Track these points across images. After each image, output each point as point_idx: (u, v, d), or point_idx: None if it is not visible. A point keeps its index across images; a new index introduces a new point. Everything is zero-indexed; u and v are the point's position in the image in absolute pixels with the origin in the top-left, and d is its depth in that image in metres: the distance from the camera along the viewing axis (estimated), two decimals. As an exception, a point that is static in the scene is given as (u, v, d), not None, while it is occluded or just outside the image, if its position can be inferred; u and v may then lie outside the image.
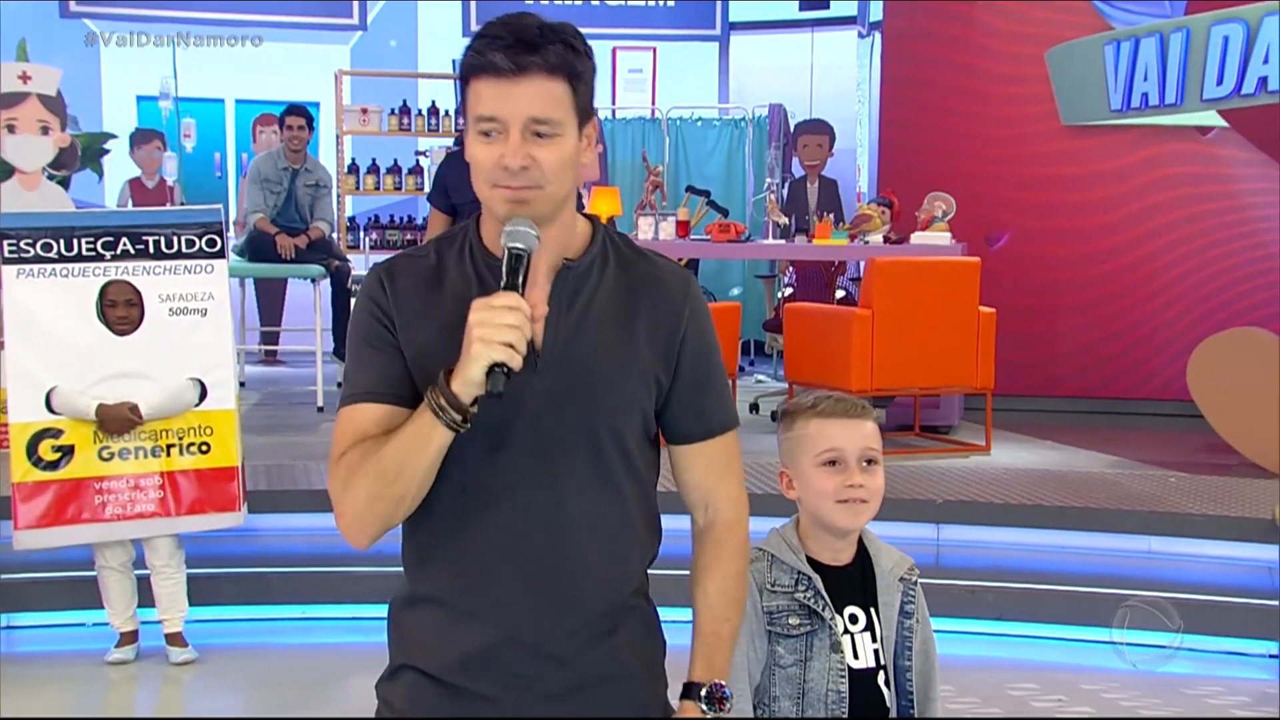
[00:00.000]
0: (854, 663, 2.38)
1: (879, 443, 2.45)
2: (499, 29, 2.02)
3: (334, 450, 2.11)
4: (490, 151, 2.03)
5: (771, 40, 12.97)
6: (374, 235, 10.34)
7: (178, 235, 5.48)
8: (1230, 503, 6.37)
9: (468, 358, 1.94)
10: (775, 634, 2.39)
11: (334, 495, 2.10)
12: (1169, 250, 9.12)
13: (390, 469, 2.02)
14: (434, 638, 2.16)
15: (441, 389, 1.98)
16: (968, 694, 4.97)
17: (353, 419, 2.10)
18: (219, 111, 12.47)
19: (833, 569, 2.44)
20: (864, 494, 2.39)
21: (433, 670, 2.16)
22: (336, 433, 2.12)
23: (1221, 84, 8.67)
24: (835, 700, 2.35)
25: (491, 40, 2.02)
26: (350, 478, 2.06)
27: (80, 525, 5.27)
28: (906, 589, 2.45)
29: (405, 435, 2.01)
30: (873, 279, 7.43)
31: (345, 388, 2.17)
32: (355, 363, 2.15)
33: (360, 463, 2.05)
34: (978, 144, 9.32)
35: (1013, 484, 6.74)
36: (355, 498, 2.06)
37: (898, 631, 2.42)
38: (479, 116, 2.03)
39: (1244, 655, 5.53)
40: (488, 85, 2.02)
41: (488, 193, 2.07)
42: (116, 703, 5.29)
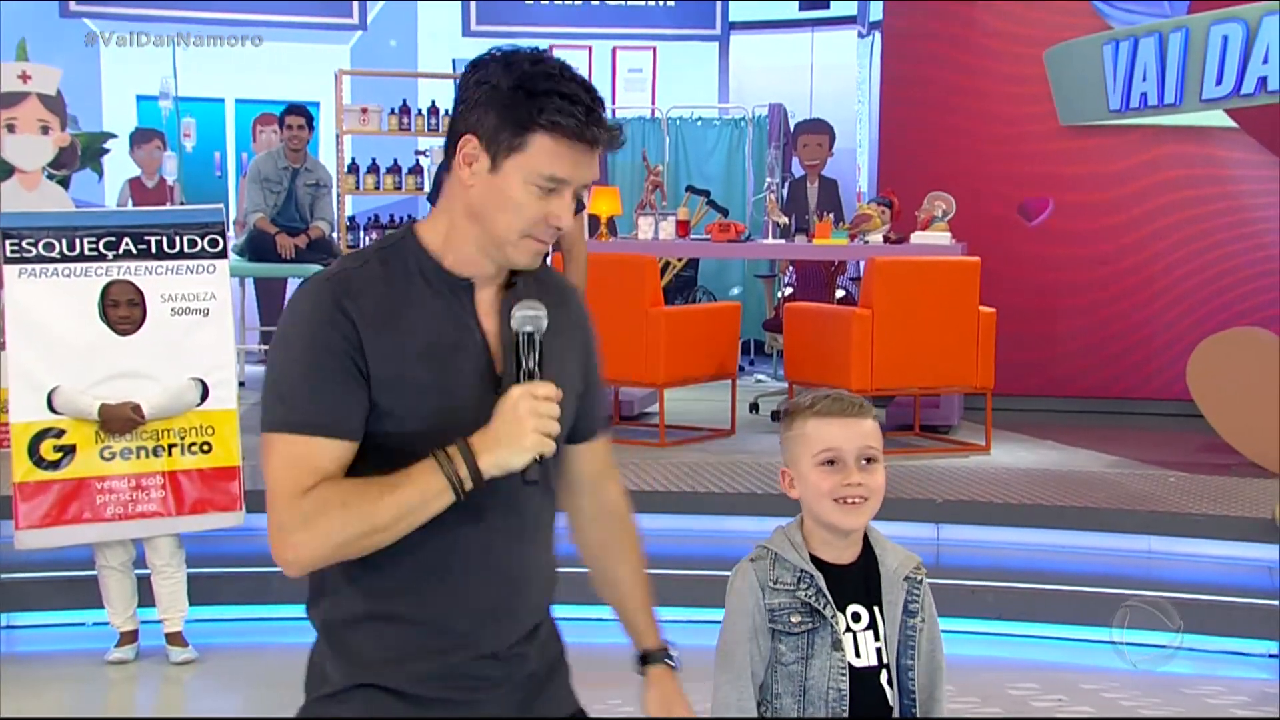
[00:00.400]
0: (856, 661, 2.38)
1: (879, 441, 2.44)
2: (578, 90, 2.04)
3: (285, 482, 2.03)
4: (543, 206, 2.06)
5: (771, 40, 12.96)
6: (374, 235, 10.34)
7: (179, 235, 5.49)
8: (1230, 502, 6.37)
9: (517, 448, 2.00)
10: (777, 631, 2.39)
11: (284, 526, 2.03)
12: (1170, 251, 9.13)
13: (381, 523, 2.01)
14: (395, 653, 2.13)
15: (468, 465, 2.00)
16: (968, 694, 4.97)
17: (310, 454, 2.03)
18: (219, 111, 12.47)
19: (836, 567, 2.44)
20: (863, 492, 2.39)
21: (394, 685, 2.14)
22: (281, 459, 2.04)
23: (1221, 84, 8.67)
24: (836, 698, 2.35)
25: (574, 104, 2.03)
26: (318, 518, 2.01)
27: (81, 525, 5.28)
28: (911, 588, 2.44)
29: (406, 497, 2.01)
30: (873, 278, 7.43)
31: (290, 410, 2.05)
32: (309, 386, 2.04)
33: (339, 508, 2.01)
34: (978, 144, 9.33)
35: (1013, 484, 6.75)
36: (320, 537, 2.02)
37: (901, 630, 2.41)
38: (548, 175, 2.04)
39: (1244, 655, 5.55)
40: (566, 148, 2.04)
41: (516, 240, 2.08)
42: (116, 702, 5.30)
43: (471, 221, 2.09)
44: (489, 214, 2.07)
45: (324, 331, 2.04)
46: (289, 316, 2.10)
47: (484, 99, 2.04)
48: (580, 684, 2.40)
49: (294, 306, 2.10)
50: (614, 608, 2.45)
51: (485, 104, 2.04)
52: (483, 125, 2.04)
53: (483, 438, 2.02)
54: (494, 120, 2.03)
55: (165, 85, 10.85)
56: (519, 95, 2.02)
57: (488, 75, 2.05)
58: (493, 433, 2.01)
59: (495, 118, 2.03)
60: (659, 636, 2.42)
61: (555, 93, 2.02)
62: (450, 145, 2.11)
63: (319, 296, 2.07)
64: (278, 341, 2.12)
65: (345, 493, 2.02)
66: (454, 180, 2.11)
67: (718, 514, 6.29)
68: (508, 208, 2.06)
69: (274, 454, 2.05)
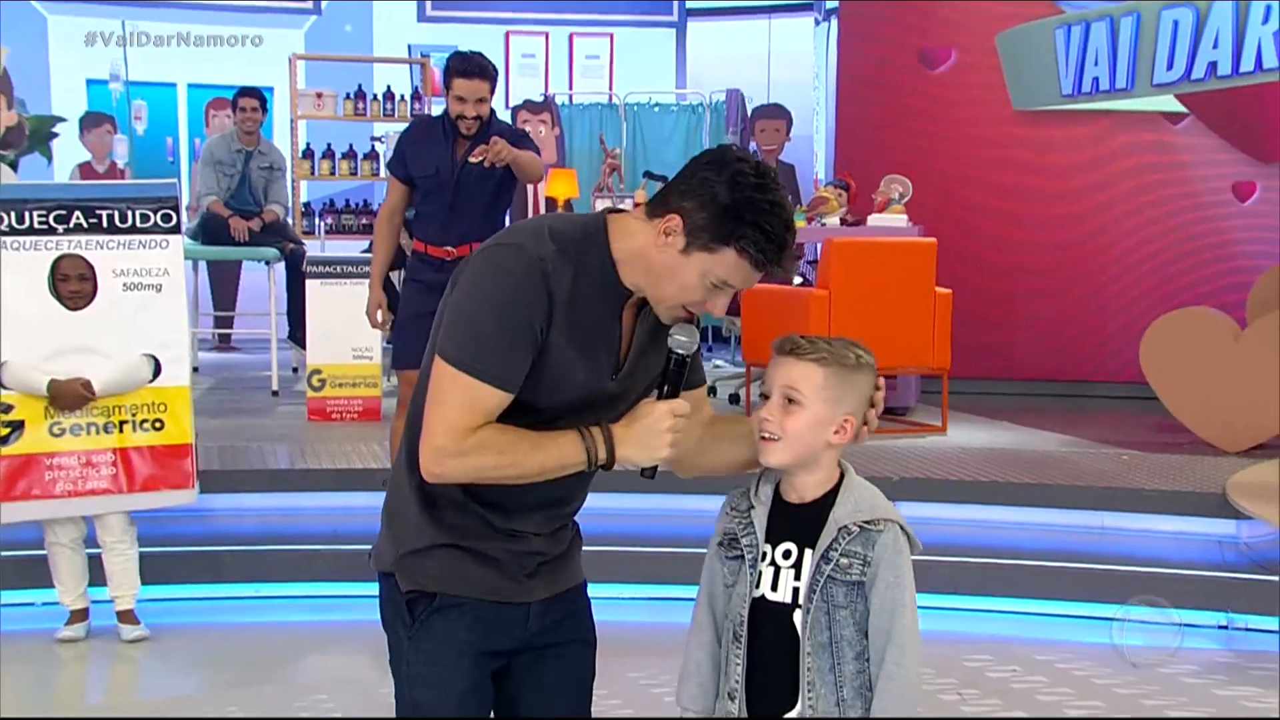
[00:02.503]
0: (772, 595, 2.44)
1: (809, 385, 2.43)
2: (779, 228, 2.34)
3: (459, 417, 2.34)
4: (706, 295, 2.38)
5: (728, 27, 12.97)
6: (329, 220, 10.27)
7: (132, 209, 5.44)
8: (1182, 479, 6.44)
9: (650, 453, 2.39)
10: (724, 555, 2.52)
11: (443, 450, 2.36)
12: (1124, 236, 9.20)
13: (522, 474, 2.38)
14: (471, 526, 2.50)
15: (607, 447, 2.39)
16: (923, 665, 4.97)
17: (486, 401, 2.35)
18: (171, 96, 12.36)
19: (791, 505, 2.47)
20: (772, 429, 2.42)
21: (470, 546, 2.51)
22: (461, 397, 2.35)
23: (1172, 69, 8.74)
24: (739, 623, 2.45)
25: (770, 241, 2.33)
26: (475, 454, 2.35)
27: (30, 501, 5.23)
28: (841, 536, 2.41)
29: (552, 458, 2.38)
30: (830, 259, 7.44)
31: (480, 359, 2.34)
32: (506, 343, 2.34)
33: (495, 452, 2.35)
34: (934, 127, 9.37)
35: (968, 462, 6.78)
36: (471, 469, 2.37)
37: (813, 572, 2.41)
38: (723, 280, 2.36)
39: (1194, 626, 5.59)
40: (748, 267, 2.35)
41: (668, 307, 2.41)
42: (67, 681, 5.25)
43: (647, 269, 2.40)
44: (662, 278, 2.39)
45: (529, 304, 2.34)
46: (495, 270, 2.37)
47: (703, 196, 2.34)
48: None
49: (506, 268, 2.36)
50: (734, 451, 2.62)
51: (701, 200, 2.34)
52: (691, 217, 2.35)
53: (625, 432, 2.40)
54: (702, 220, 2.33)
55: (115, 67, 10.75)
56: (730, 213, 2.33)
57: (715, 178, 2.34)
58: (635, 433, 2.39)
59: (704, 219, 2.34)
60: None
61: (761, 226, 2.32)
62: (660, 201, 2.41)
63: (529, 266, 2.35)
64: (479, 281, 2.38)
65: (503, 442, 2.36)
66: (650, 231, 2.40)
67: (676, 493, 6.26)
68: (678, 285, 2.38)
69: (455, 388, 2.35)
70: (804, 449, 2.43)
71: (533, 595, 2.57)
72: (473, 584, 2.50)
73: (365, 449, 6.83)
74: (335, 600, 5.82)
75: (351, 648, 5.43)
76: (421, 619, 2.50)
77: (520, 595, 2.55)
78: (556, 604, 2.61)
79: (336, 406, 7.88)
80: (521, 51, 12.61)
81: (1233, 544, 5.99)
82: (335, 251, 9.40)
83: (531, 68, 12.74)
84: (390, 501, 2.58)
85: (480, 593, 2.51)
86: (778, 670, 2.43)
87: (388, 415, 7.49)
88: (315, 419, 7.83)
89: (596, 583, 2.76)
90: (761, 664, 2.44)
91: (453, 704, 2.51)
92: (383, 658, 2.61)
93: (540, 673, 2.62)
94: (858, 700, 2.39)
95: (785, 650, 2.42)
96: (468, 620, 2.50)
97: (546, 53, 12.74)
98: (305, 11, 12.37)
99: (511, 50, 12.62)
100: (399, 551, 2.52)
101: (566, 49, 12.69)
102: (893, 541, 2.41)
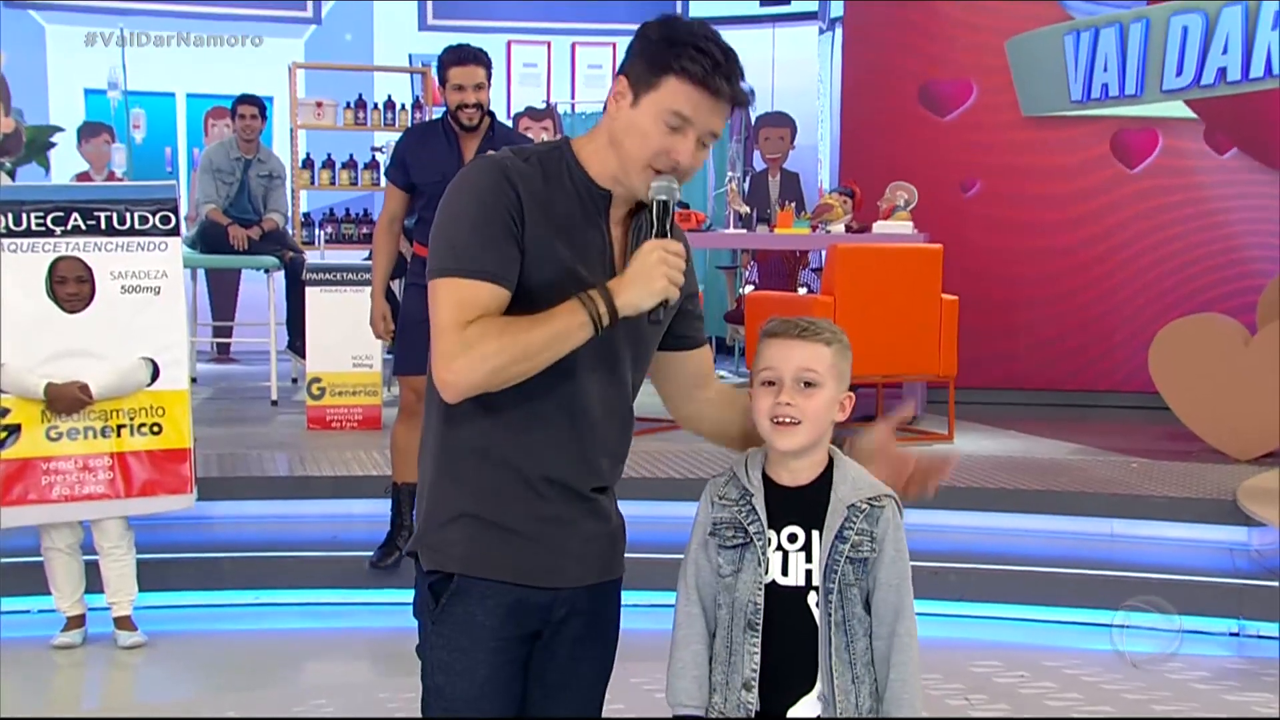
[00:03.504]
0: (783, 579, 2.44)
1: (823, 366, 2.46)
2: (712, 47, 2.35)
3: (452, 314, 2.33)
4: (670, 141, 2.38)
5: (732, 36, 12.59)
6: (329, 229, 10.21)
7: (131, 211, 5.39)
8: (1191, 486, 6.38)
9: (649, 290, 2.35)
10: (717, 544, 2.48)
11: (446, 353, 2.33)
12: (1131, 242, 9.14)
13: (531, 352, 2.32)
14: (493, 487, 2.43)
15: (606, 303, 2.34)
16: (930, 670, 4.87)
17: (477, 295, 2.34)
18: (170, 105, 12.31)
19: (786, 489, 2.48)
20: (793, 414, 2.42)
21: (494, 518, 2.44)
22: (451, 299, 2.34)
23: (1181, 74, 8.70)
24: (753, 611, 2.42)
25: (705, 55, 2.34)
26: (477, 344, 2.31)
27: (26, 506, 5.17)
28: (852, 515, 2.43)
29: (554, 327, 2.33)
30: (835, 265, 7.38)
31: (459, 259, 2.35)
32: (480, 239, 2.35)
33: (495, 335, 2.31)
34: (939, 135, 9.31)
35: (975, 469, 6.72)
36: (478, 361, 2.31)
37: (829, 554, 2.42)
38: (674, 111, 2.36)
39: (1205, 634, 5.55)
40: (694, 91, 2.35)
41: (639, 169, 2.40)
42: (63, 688, 5.19)
43: (612, 147, 2.43)
44: (623, 141, 2.40)
45: (493, 195, 2.36)
46: (460, 184, 2.41)
47: (638, 47, 2.41)
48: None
49: (464, 177, 2.42)
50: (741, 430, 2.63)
51: (638, 52, 2.40)
52: (633, 68, 2.40)
53: (619, 282, 2.36)
54: (640, 64, 2.38)
55: (114, 75, 10.70)
56: (662, 44, 2.37)
57: (647, 30, 2.41)
58: (628, 277, 2.36)
59: (642, 62, 2.38)
60: None
61: (691, 45, 2.35)
62: None
63: (490, 169, 2.40)
64: (449, 203, 2.41)
65: (501, 324, 2.33)
66: (606, 112, 2.45)
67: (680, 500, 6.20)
68: (637, 136, 2.39)
69: (443, 295, 2.36)
70: (820, 430, 2.47)
71: (560, 578, 2.48)
72: (494, 565, 2.44)
73: (365, 457, 6.78)
74: (334, 607, 5.78)
75: (350, 654, 5.38)
76: (446, 603, 2.45)
77: (543, 578, 2.47)
78: (590, 594, 2.54)
79: (336, 415, 7.82)
80: (524, 61, 12.57)
81: (1243, 551, 5.94)
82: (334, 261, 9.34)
83: (534, 77, 12.71)
84: (421, 476, 2.55)
85: (501, 574, 2.44)
86: (791, 654, 2.43)
87: (387, 424, 7.42)
88: (315, 427, 7.77)
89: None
90: (774, 649, 2.43)
91: (474, 692, 2.46)
92: (381, 664, 2.56)
93: (555, 666, 2.54)
94: (866, 675, 2.43)
95: (799, 634, 2.43)
96: (489, 604, 2.44)
97: (549, 62, 12.71)
98: (305, 20, 12.33)
99: (514, 59, 12.59)
100: (423, 527, 2.50)
101: (569, 58, 12.65)
102: (893, 515, 2.46)
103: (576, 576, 2.51)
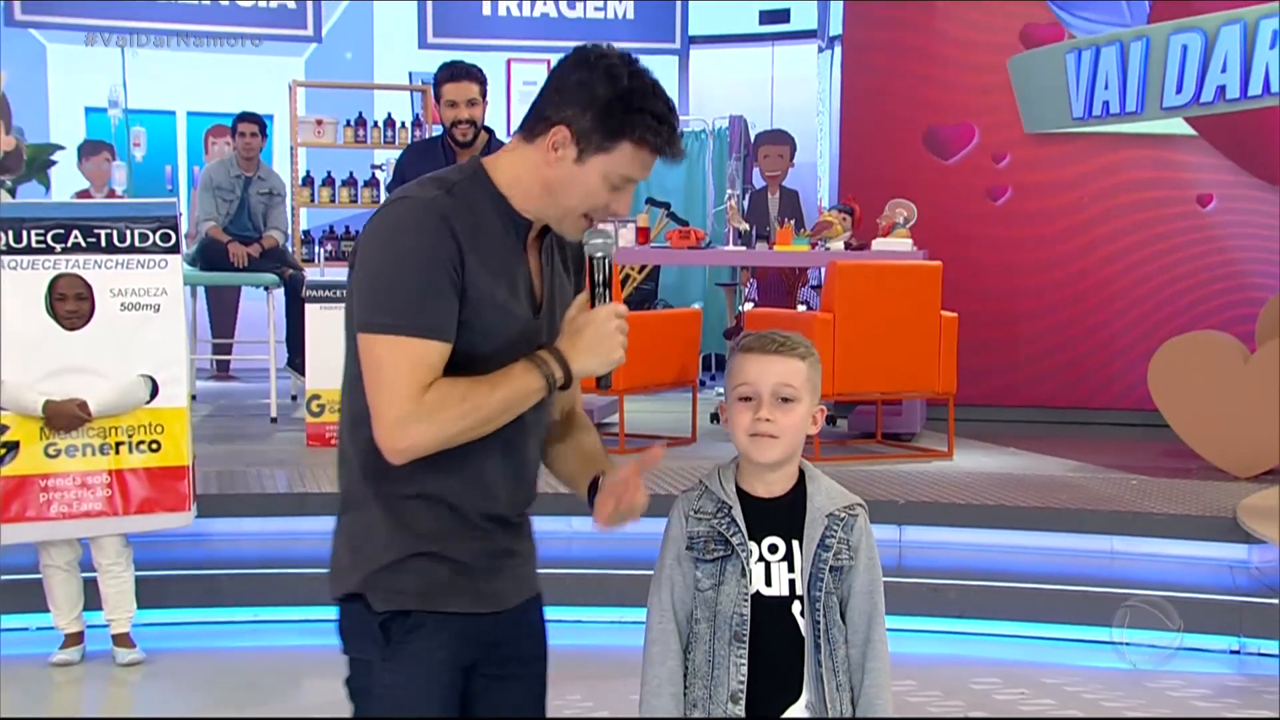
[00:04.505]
0: (766, 590, 2.47)
1: (800, 381, 2.49)
2: (665, 111, 2.35)
3: (407, 381, 2.28)
4: (610, 197, 2.38)
5: (731, 54, 12.95)
6: (329, 247, 10.21)
7: (131, 229, 5.39)
8: (1191, 503, 6.36)
9: (606, 360, 2.39)
10: (695, 559, 2.50)
11: (405, 418, 2.28)
12: (1131, 258, 9.14)
13: (489, 418, 2.33)
14: (446, 531, 2.43)
15: (562, 368, 2.36)
16: (930, 688, 4.93)
17: (426, 355, 2.29)
18: (170, 123, 12.32)
19: (761, 501, 2.52)
20: (771, 429, 2.46)
21: (444, 553, 2.43)
22: (401, 361, 2.29)
23: (1181, 92, 8.71)
24: (739, 622, 2.44)
25: (662, 124, 2.34)
26: (440, 411, 2.28)
27: (25, 523, 5.16)
28: (831, 524, 2.48)
29: (511, 393, 2.33)
30: (834, 282, 7.38)
31: (403, 315, 2.28)
32: (422, 293, 2.29)
33: (456, 402, 2.29)
34: (938, 150, 9.33)
35: (975, 486, 6.72)
36: (437, 429, 2.29)
37: (813, 563, 2.46)
38: (625, 176, 2.36)
39: (1205, 651, 5.54)
40: (646, 156, 2.36)
41: (574, 218, 2.40)
42: (62, 705, 5.18)
43: (543, 190, 2.39)
44: (562, 192, 2.38)
45: (435, 246, 2.29)
46: (396, 232, 2.33)
47: (583, 100, 2.32)
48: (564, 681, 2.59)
49: (399, 222, 2.33)
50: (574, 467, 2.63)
51: (583, 105, 2.32)
52: (577, 123, 2.33)
53: (573, 346, 2.38)
54: (589, 122, 2.32)
55: (114, 94, 10.72)
56: (616, 107, 2.32)
57: (590, 79, 2.33)
58: (585, 342, 2.37)
59: (591, 120, 2.32)
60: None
61: (649, 112, 2.33)
62: (536, 118, 2.38)
63: (427, 215, 2.31)
64: (382, 250, 2.33)
65: (460, 390, 2.30)
66: (535, 151, 2.38)
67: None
68: (582, 193, 2.37)
69: (392, 354, 2.29)
70: (797, 443, 2.52)
71: (503, 602, 2.50)
72: (450, 596, 2.43)
73: (365, 473, 6.74)
74: (333, 625, 5.72)
75: (350, 672, 5.34)
76: (398, 639, 2.42)
77: (491, 603, 2.48)
78: (518, 616, 2.55)
79: (335, 432, 7.78)
80: (523, 79, 12.57)
81: (1244, 568, 5.92)
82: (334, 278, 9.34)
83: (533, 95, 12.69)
84: (349, 522, 2.49)
85: (457, 605, 2.43)
86: (777, 665, 2.47)
87: (387, 440, 7.40)
88: (314, 444, 7.75)
89: (582, 605, 2.72)
90: (759, 661, 2.46)
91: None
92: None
93: (497, 690, 2.55)
94: (849, 683, 2.48)
95: (783, 644, 2.47)
96: (443, 636, 2.43)
97: (549, 80, 12.72)
98: (306, 38, 12.33)
99: (513, 78, 12.60)
100: (368, 569, 2.43)
101: (570, 76, 12.65)
102: (864, 524, 2.53)
103: (516, 596, 2.54)
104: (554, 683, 2.64)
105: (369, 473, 2.42)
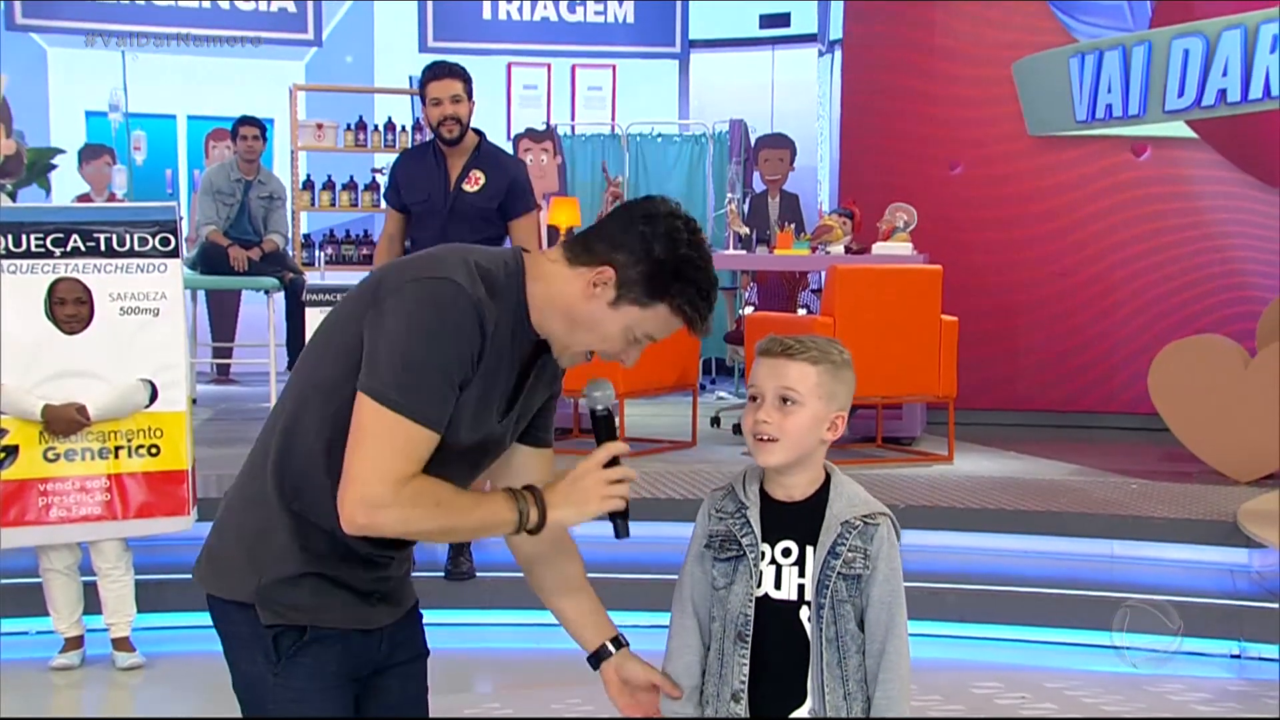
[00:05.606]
0: (775, 593, 2.46)
1: (806, 384, 2.46)
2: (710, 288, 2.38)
3: (393, 458, 2.26)
4: (624, 348, 2.42)
5: (732, 58, 12.95)
6: (329, 251, 10.22)
7: (130, 233, 5.38)
8: (1192, 507, 6.36)
9: (582, 514, 2.39)
10: (714, 557, 2.51)
11: (377, 500, 2.26)
12: (1132, 262, 9.14)
13: (453, 533, 2.59)
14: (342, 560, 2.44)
15: (540, 513, 2.37)
16: (931, 692, 4.93)
17: (420, 445, 2.28)
18: (170, 127, 12.32)
19: (781, 504, 2.51)
20: (770, 431, 2.45)
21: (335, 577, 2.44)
22: (396, 441, 2.26)
23: (1182, 96, 8.71)
24: (743, 623, 2.45)
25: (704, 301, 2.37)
26: (412, 507, 2.27)
27: (24, 527, 5.16)
28: (846, 532, 2.45)
29: (484, 520, 2.37)
30: (834, 286, 7.38)
31: (413, 397, 2.26)
32: (438, 385, 2.28)
33: (430, 506, 2.29)
34: (939, 156, 9.32)
35: (975, 490, 6.71)
36: (401, 522, 2.29)
37: (821, 569, 2.44)
38: (648, 335, 2.40)
39: (1205, 655, 5.55)
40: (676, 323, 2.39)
41: (580, 352, 2.45)
42: (61, 708, 5.18)
43: (564, 316, 2.40)
44: (581, 328, 2.40)
45: (468, 345, 2.29)
46: (436, 313, 2.28)
47: (638, 251, 2.35)
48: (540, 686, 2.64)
49: (446, 306, 2.28)
50: (566, 606, 2.66)
51: (636, 256, 2.35)
52: (625, 270, 2.35)
53: (552, 494, 2.38)
54: (637, 274, 2.34)
55: (115, 97, 10.72)
56: (667, 269, 2.35)
57: (650, 233, 2.35)
58: (562, 493, 2.39)
59: (639, 273, 2.34)
60: (613, 625, 2.65)
61: (695, 285, 2.36)
62: (586, 248, 2.40)
63: (471, 313, 2.29)
64: (416, 329, 2.28)
65: (439, 494, 2.31)
66: (575, 279, 2.38)
67: (679, 520, 6.19)
68: (599, 335, 2.40)
69: (391, 431, 2.26)
70: (801, 448, 2.48)
71: (392, 617, 2.56)
72: (341, 614, 2.44)
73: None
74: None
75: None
76: (289, 654, 2.41)
77: (376, 622, 2.51)
78: (402, 625, 2.60)
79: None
80: (524, 83, 12.60)
81: (1244, 572, 5.91)
82: (335, 282, 9.36)
83: (534, 99, 12.72)
84: (247, 519, 2.46)
85: (348, 623, 2.45)
86: (782, 668, 2.46)
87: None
88: (315, 448, 7.74)
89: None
90: (765, 663, 2.46)
91: None
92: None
93: (388, 690, 2.59)
94: (859, 693, 2.45)
95: (790, 648, 2.46)
96: (336, 651, 2.44)
97: (549, 84, 12.73)
98: (306, 42, 12.35)
99: (514, 81, 12.61)
100: (261, 579, 2.41)
101: (569, 80, 12.67)
102: (887, 534, 2.49)
103: (401, 611, 2.59)
104: (554, 685, 2.65)
105: (286, 487, 2.40)
